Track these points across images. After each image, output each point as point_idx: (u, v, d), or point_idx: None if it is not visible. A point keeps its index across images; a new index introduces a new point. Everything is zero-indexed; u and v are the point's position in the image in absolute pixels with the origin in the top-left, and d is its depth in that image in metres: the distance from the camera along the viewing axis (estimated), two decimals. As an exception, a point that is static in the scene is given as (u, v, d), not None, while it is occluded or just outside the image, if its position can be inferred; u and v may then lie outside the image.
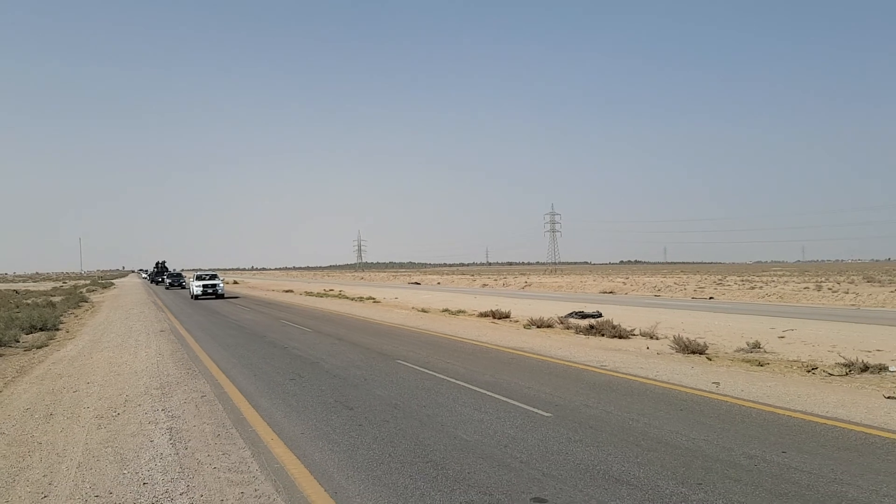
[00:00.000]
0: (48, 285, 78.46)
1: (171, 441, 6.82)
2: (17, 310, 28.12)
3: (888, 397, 8.42)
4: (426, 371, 10.98)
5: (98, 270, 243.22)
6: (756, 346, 13.43)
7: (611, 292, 41.20)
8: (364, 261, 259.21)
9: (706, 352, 12.94)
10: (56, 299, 38.52)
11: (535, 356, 12.74)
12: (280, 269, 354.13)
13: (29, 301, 36.34)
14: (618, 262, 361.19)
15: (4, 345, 16.55)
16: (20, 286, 76.20)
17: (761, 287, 39.86)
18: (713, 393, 8.91)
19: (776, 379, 9.92)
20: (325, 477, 5.52)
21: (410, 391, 9.23)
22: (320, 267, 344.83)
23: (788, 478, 5.30)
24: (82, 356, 14.05)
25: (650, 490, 5.06)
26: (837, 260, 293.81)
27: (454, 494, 5.03)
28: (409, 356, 12.85)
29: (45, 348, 16.16)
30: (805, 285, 40.65)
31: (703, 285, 45.57)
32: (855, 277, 53.53)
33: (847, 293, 33.43)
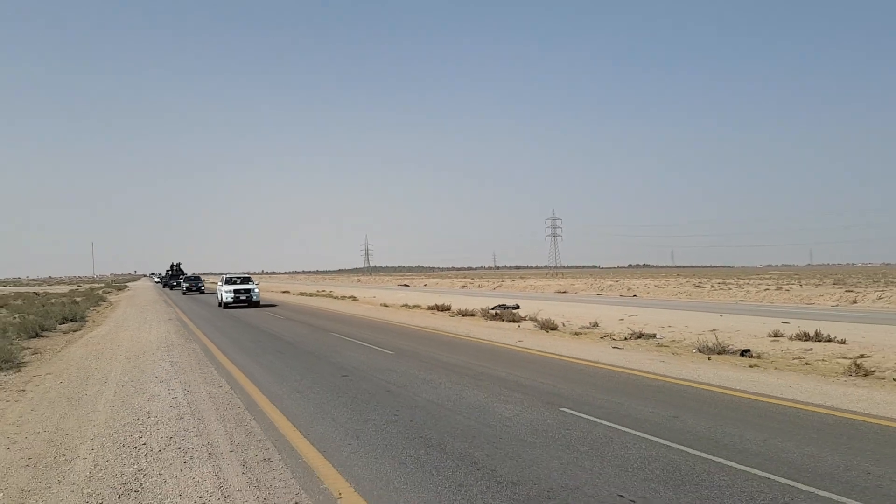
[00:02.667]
0: (64, 288, 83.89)
1: (172, 365, 12.04)
2: (44, 308, 33.57)
3: (614, 348, 13.57)
4: (346, 338, 16.23)
5: (111, 275, 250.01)
6: (595, 324, 18.55)
7: (564, 292, 46.36)
8: (373, 265, 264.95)
9: (557, 328, 18.06)
10: (78, 300, 44.02)
11: (428, 330, 17.99)
12: (289, 272, 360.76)
13: (53, 301, 41.81)
14: (626, 265, 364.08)
15: (48, 329, 21.86)
16: (38, 289, 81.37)
17: (729, 289, 44.77)
18: (515, 346, 14.08)
19: (567, 339, 15.08)
20: (254, 378, 10.68)
21: (328, 346, 14.46)
22: (329, 271, 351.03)
23: (546, 388, 10.45)
24: (110, 334, 19.34)
25: (448, 387, 10.22)
26: (849, 263, 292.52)
27: (328, 374, 10.23)
28: (342, 331, 18.15)
29: (80, 332, 21.43)
30: (766, 287, 45.42)
31: (675, 287, 50.46)
32: (826, 280, 57.99)
33: (764, 291, 38.30)
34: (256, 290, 31.62)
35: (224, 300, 30.86)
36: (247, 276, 34.35)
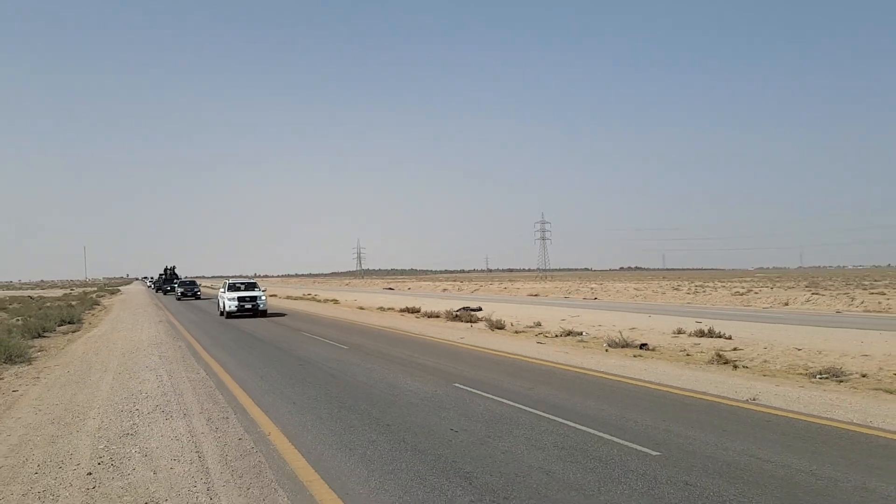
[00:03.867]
0: (58, 292, 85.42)
1: (160, 358, 14.33)
2: (42, 311, 35.69)
3: (538, 343, 15.97)
4: (313, 336, 18.57)
5: (103, 278, 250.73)
6: (538, 324, 20.96)
7: (535, 295, 48.90)
8: (367, 268, 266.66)
9: (504, 328, 20.44)
10: (73, 303, 46.09)
11: (388, 329, 20.37)
12: (282, 276, 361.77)
13: (49, 305, 43.86)
14: (618, 268, 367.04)
15: (49, 331, 24.06)
16: (32, 293, 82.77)
17: (705, 292, 47.40)
18: (455, 342, 16.44)
19: (505, 337, 17.47)
20: (226, 367, 12.99)
21: (294, 343, 16.78)
22: (322, 274, 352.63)
23: (454, 371, 12.81)
24: (107, 334, 21.57)
25: (378, 372, 12.57)
26: (840, 266, 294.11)
27: (287, 364, 12.57)
28: (312, 330, 20.49)
29: (78, 332, 23.64)
30: (738, 290, 48.06)
31: (653, 290, 53.04)
32: (800, 284, 60.68)
33: (732, 294, 40.88)
34: (263, 298, 28.04)
35: (227, 309, 27.45)
36: (252, 281, 30.95)
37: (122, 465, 6.14)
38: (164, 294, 62.56)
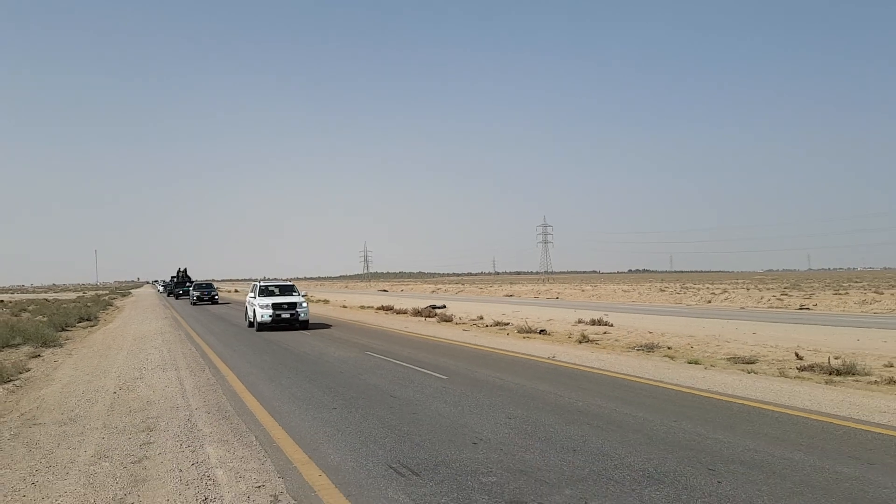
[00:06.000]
0: (71, 295, 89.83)
1: (163, 342, 18.43)
2: (62, 310, 40.04)
3: (464, 331, 19.96)
4: (289, 327, 22.67)
5: (114, 282, 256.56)
6: (480, 318, 24.95)
7: (510, 295, 52.91)
8: (376, 271, 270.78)
9: (452, 321, 24.44)
10: (89, 304, 50.51)
11: (352, 322, 24.43)
12: (290, 279, 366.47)
13: (65, 306, 48.26)
14: (626, 271, 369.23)
15: (70, 326, 28.32)
16: (46, 297, 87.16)
17: (686, 293, 51.42)
18: (399, 330, 20.45)
19: (444, 326, 21.48)
20: (211, 345, 17.06)
21: (277, 333, 20.86)
22: (330, 277, 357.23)
23: (376, 346, 16.86)
24: (121, 328, 25.75)
25: (319, 347, 16.62)
26: (850, 268, 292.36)
27: (256, 343, 16.65)
28: (291, 323, 24.59)
29: (96, 327, 27.84)
30: (713, 292, 51.98)
31: (639, 292, 56.87)
32: (779, 286, 64.52)
33: (681, 295, 44.64)
34: (305, 306, 22.22)
35: (258, 319, 21.49)
36: (288, 283, 24.78)
37: (133, 389, 10.20)
38: (177, 298, 58.90)
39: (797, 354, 12.16)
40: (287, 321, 21.64)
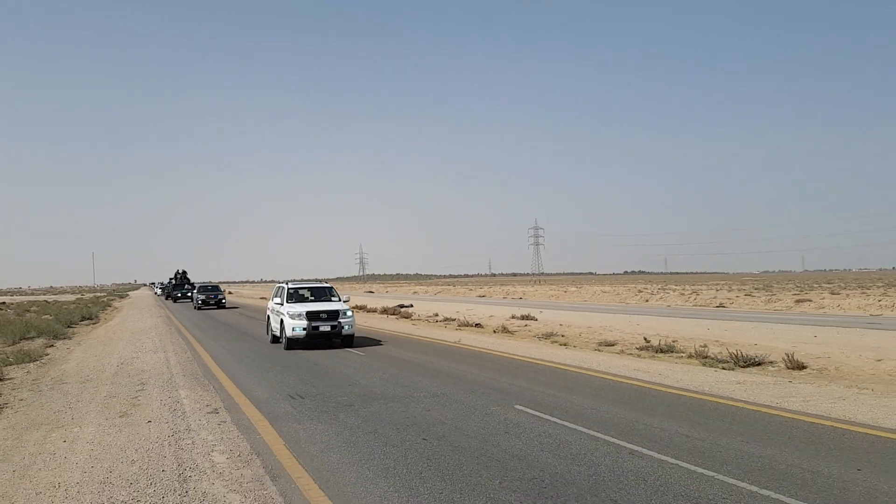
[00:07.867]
0: (70, 297, 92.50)
1: (156, 334, 21.88)
2: (64, 310, 43.43)
3: (413, 324, 23.46)
4: (248, 316, 26.17)
5: (112, 284, 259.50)
6: (436, 315, 28.44)
7: (483, 296, 56.51)
8: (372, 272, 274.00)
9: (411, 317, 27.92)
10: (89, 305, 53.87)
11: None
12: (290, 280, 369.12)
13: (66, 307, 51.60)
14: (622, 272, 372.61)
15: (74, 324, 31.77)
16: (46, 298, 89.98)
17: (663, 294, 55.27)
18: (359, 325, 23.96)
19: (399, 321, 24.96)
20: (196, 337, 20.51)
21: (248, 326, 24.32)
22: (327, 278, 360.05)
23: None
24: (120, 324, 29.18)
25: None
26: (845, 269, 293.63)
27: (232, 334, 20.12)
28: (247, 312, 28.10)
29: (97, 324, 31.27)
30: (682, 293, 55.79)
31: (618, 293, 60.46)
32: (746, 287, 68.32)
33: (655, 295, 48.24)
34: (350, 315, 17.09)
35: (288, 333, 16.11)
36: (325, 285, 19.50)
37: (131, 364, 13.67)
38: (175, 302, 55.46)
39: (645, 339, 15.66)
40: (323, 336, 16.31)
